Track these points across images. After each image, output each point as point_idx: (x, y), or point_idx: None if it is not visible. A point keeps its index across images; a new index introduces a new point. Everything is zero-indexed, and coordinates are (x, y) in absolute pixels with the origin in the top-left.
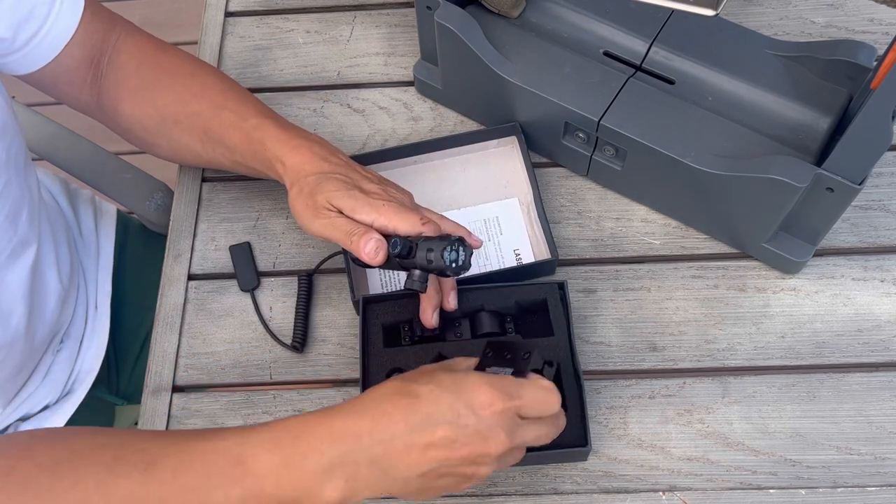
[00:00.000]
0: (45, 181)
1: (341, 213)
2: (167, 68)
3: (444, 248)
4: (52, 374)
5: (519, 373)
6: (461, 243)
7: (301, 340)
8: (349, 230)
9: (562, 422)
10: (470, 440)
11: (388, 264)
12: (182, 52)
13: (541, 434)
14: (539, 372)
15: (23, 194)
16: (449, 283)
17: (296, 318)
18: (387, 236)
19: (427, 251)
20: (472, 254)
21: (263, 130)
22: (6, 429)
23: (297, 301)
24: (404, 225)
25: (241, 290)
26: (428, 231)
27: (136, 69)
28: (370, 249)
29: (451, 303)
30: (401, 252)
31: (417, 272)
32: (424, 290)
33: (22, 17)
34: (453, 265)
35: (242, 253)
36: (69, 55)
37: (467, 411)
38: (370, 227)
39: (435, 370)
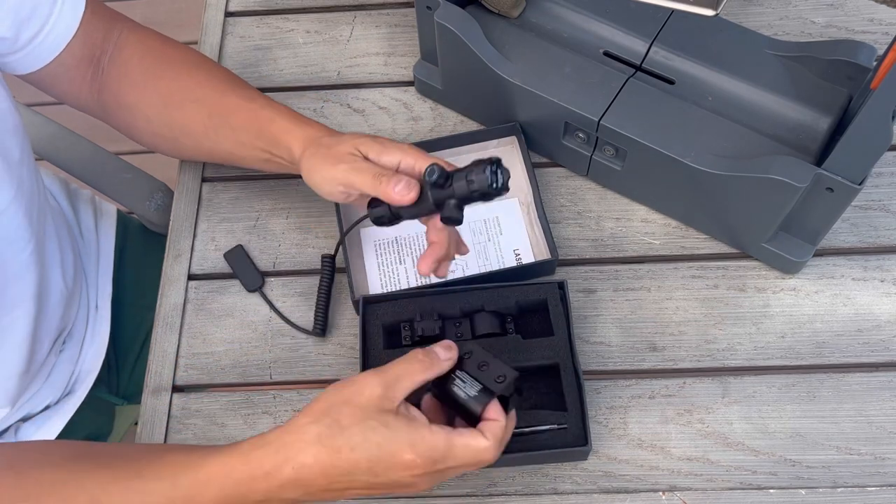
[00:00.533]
0: (46, 181)
1: (366, 159)
2: (172, 61)
3: (486, 168)
4: (54, 374)
5: (486, 392)
6: (498, 165)
7: (322, 325)
8: (377, 172)
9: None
10: (387, 488)
11: (418, 206)
12: (186, 46)
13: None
14: (506, 400)
15: (32, 194)
16: (454, 233)
17: (317, 303)
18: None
19: (467, 173)
20: (509, 177)
21: (272, 109)
22: (7, 429)
23: (320, 285)
24: (431, 164)
25: (248, 291)
26: (452, 170)
27: (140, 61)
28: (401, 188)
29: (465, 247)
30: (438, 179)
31: (453, 202)
32: (461, 221)
33: (24, 17)
34: (494, 186)
35: (238, 256)
36: (70, 53)
37: (385, 471)
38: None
39: (370, 411)
